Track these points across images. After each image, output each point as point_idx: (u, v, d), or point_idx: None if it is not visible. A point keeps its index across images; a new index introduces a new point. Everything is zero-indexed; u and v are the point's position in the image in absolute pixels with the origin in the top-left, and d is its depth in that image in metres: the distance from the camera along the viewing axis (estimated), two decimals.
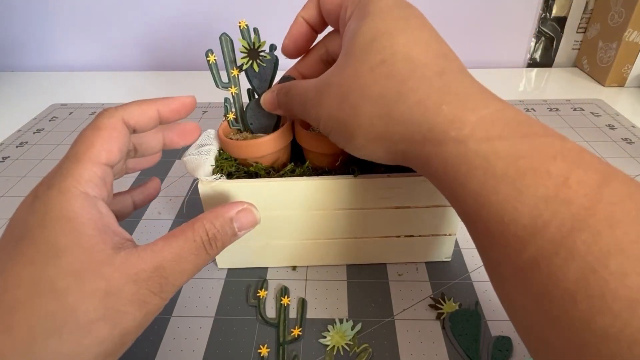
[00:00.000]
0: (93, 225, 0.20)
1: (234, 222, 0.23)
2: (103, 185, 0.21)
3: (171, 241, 0.21)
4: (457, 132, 0.19)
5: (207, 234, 0.21)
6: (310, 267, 0.36)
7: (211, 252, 0.22)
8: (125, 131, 0.23)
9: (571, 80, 0.69)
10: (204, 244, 0.21)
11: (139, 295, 0.19)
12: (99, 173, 0.21)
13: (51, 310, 0.18)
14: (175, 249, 0.20)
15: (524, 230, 0.17)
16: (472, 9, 0.70)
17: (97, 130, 0.22)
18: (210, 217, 0.22)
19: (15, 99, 0.68)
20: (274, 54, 0.29)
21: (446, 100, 0.20)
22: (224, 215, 0.22)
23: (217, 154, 0.32)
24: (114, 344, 0.19)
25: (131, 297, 0.19)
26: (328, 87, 0.23)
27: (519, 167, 0.17)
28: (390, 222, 0.32)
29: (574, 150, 0.18)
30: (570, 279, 0.15)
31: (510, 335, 0.29)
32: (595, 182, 0.16)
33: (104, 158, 0.21)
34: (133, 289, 0.19)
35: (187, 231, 0.21)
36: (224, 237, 0.22)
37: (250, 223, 0.23)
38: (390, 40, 0.22)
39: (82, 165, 0.21)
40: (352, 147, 0.24)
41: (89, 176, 0.21)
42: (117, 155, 0.22)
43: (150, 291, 0.20)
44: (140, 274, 0.19)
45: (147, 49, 0.77)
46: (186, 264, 0.21)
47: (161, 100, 0.25)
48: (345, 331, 0.30)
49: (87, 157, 0.21)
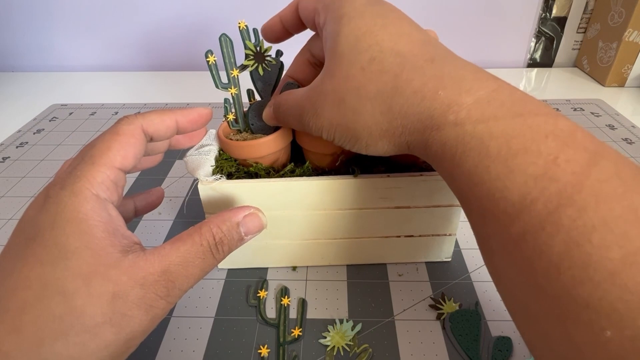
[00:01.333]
0: (103, 227, 0.20)
1: (241, 227, 0.23)
2: (114, 189, 0.22)
3: (178, 245, 0.21)
4: (454, 115, 0.20)
5: (214, 238, 0.22)
6: (310, 267, 0.36)
7: (218, 257, 0.22)
8: (142, 139, 0.23)
9: (571, 80, 0.69)
10: (210, 248, 0.21)
11: (146, 299, 0.19)
12: (112, 177, 0.21)
13: (59, 313, 0.18)
14: (183, 253, 0.21)
15: (512, 207, 0.17)
16: (473, 9, 0.70)
17: (115, 135, 0.22)
18: (217, 221, 0.22)
19: (15, 99, 0.68)
20: (279, 59, 0.30)
21: (441, 85, 0.20)
22: (231, 219, 0.23)
23: (217, 154, 0.32)
24: (119, 347, 0.19)
25: (138, 301, 0.19)
26: (322, 96, 0.24)
27: (511, 147, 0.18)
28: (390, 222, 0.32)
29: (566, 129, 0.18)
30: (555, 252, 0.16)
31: (510, 335, 0.29)
32: (584, 160, 0.17)
33: (119, 163, 0.22)
34: (140, 292, 0.19)
35: (194, 235, 0.21)
36: (231, 241, 0.22)
37: (256, 228, 0.24)
38: (373, 37, 0.22)
39: (96, 167, 0.21)
40: (358, 148, 0.24)
41: (102, 179, 0.21)
42: (131, 161, 0.23)
43: (157, 295, 0.20)
44: (147, 278, 0.19)
45: (147, 49, 0.77)
46: (193, 268, 0.21)
47: (180, 111, 0.26)
48: (345, 331, 0.30)
49: (103, 161, 0.21)
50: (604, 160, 0.17)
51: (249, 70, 0.30)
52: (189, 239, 0.21)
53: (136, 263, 0.19)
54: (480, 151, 0.19)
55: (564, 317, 0.16)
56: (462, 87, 0.20)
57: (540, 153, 0.17)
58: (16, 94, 0.70)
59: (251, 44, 0.29)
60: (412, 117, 0.21)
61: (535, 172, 0.17)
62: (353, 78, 0.22)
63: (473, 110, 0.19)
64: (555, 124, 0.18)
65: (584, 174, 0.16)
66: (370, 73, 0.21)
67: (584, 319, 0.15)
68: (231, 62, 0.30)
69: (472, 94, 0.20)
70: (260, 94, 0.31)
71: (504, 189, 0.18)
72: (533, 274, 0.17)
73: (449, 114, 0.20)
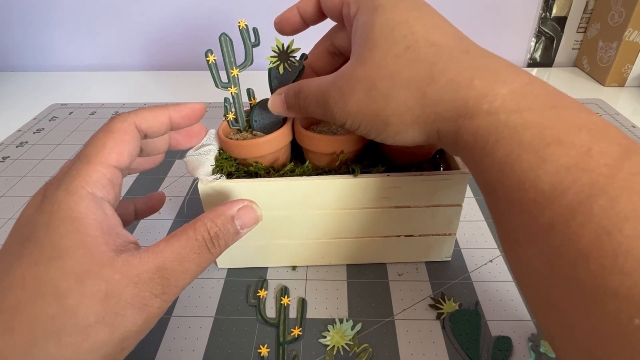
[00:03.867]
0: (97, 226, 0.20)
1: (236, 220, 0.23)
2: (111, 187, 0.21)
3: (173, 241, 0.21)
4: (488, 104, 0.20)
5: (209, 233, 0.21)
6: (310, 266, 0.36)
7: (214, 252, 0.22)
8: (136, 136, 0.23)
9: (571, 80, 0.69)
10: (206, 243, 0.21)
11: (140, 297, 0.19)
12: (108, 175, 0.21)
13: (51, 313, 0.18)
14: (177, 249, 0.20)
15: (542, 196, 0.17)
16: (473, 8, 0.70)
17: (109, 133, 0.22)
18: (211, 215, 0.22)
19: (15, 99, 0.68)
20: (302, 62, 0.30)
21: (477, 75, 0.21)
22: (225, 213, 0.22)
23: (217, 153, 0.32)
24: (113, 347, 0.19)
25: (132, 300, 0.19)
26: (352, 82, 0.24)
27: (544, 137, 0.18)
28: (390, 221, 0.32)
29: (599, 123, 0.18)
30: (584, 241, 0.16)
31: (510, 335, 0.29)
32: (617, 153, 0.17)
33: (114, 160, 0.22)
34: (134, 291, 0.19)
35: (189, 230, 0.21)
36: (226, 235, 0.22)
37: (252, 220, 0.23)
38: (409, 28, 0.22)
39: (91, 166, 0.21)
40: (385, 136, 0.24)
41: (97, 177, 0.21)
42: (127, 158, 0.22)
43: (151, 293, 0.19)
44: (141, 276, 0.19)
45: (147, 48, 0.77)
46: (189, 263, 0.21)
47: (173, 107, 0.25)
48: (345, 331, 0.30)
49: (98, 159, 0.21)
50: (636, 155, 0.17)
51: (270, 67, 0.30)
52: (183, 235, 0.21)
53: (130, 261, 0.19)
54: (512, 140, 0.19)
55: (589, 307, 0.16)
56: (498, 78, 0.20)
57: (573, 144, 0.17)
58: (16, 93, 0.70)
59: (279, 42, 0.29)
60: (446, 105, 0.21)
61: (568, 162, 0.17)
62: (387, 65, 0.22)
63: (508, 100, 0.19)
64: (589, 117, 0.18)
65: (616, 167, 0.16)
66: (406, 61, 0.22)
67: (611, 308, 0.15)
68: (231, 62, 0.30)
69: (507, 85, 0.20)
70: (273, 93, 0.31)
71: (535, 178, 0.18)
72: (560, 264, 0.17)
73: (484, 103, 0.20)
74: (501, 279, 0.34)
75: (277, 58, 0.29)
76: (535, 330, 0.30)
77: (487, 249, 0.37)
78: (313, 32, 0.31)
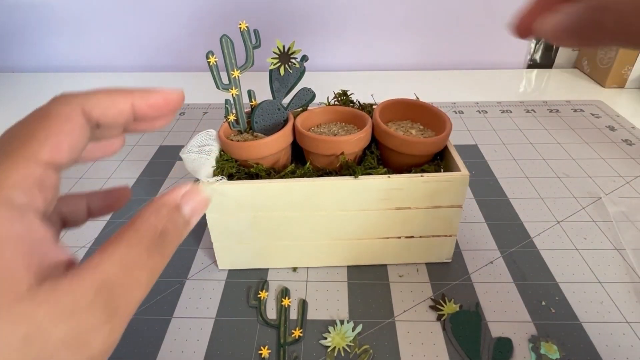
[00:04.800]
0: (13, 245, 0.15)
1: (183, 208, 0.18)
2: (38, 190, 0.16)
3: (111, 250, 0.16)
4: None
5: (155, 229, 0.17)
6: (310, 268, 0.36)
7: (165, 253, 0.17)
8: (82, 124, 0.17)
9: (571, 82, 0.69)
10: (154, 243, 0.17)
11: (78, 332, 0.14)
12: (36, 174, 0.16)
13: None
14: (120, 258, 0.16)
15: None
16: (473, 10, 0.70)
17: (44, 118, 0.17)
18: (152, 209, 0.18)
19: (15, 99, 0.68)
20: (303, 64, 0.30)
21: None
22: (168, 203, 0.18)
23: (218, 155, 0.32)
24: None
25: (66, 339, 0.14)
26: None
27: None
28: (390, 223, 0.32)
29: None
30: None
31: (510, 336, 0.29)
32: None
33: (47, 156, 0.16)
34: (67, 327, 0.14)
35: (129, 232, 0.17)
36: (176, 229, 0.18)
37: (200, 204, 0.19)
38: None
39: (11, 162, 0.15)
40: None
41: (18, 178, 0.15)
42: (66, 153, 0.17)
43: (94, 323, 0.15)
44: (77, 303, 0.15)
45: (148, 49, 0.77)
46: (138, 271, 0.16)
47: (139, 92, 0.19)
48: (345, 332, 0.30)
49: (21, 153, 0.16)
50: None
51: (271, 68, 0.30)
52: (123, 239, 0.16)
53: (58, 287, 0.14)
54: None
55: None
56: None
57: None
58: (16, 94, 0.70)
59: (280, 43, 0.29)
60: None
61: None
62: None
63: None
64: None
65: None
66: None
67: None
68: (232, 63, 0.30)
69: None
70: (274, 94, 0.31)
71: None
72: None
73: None
74: (502, 281, 0.34)
75: (278, 59, 0.29)
76: (535, 331, 0.30)
77: (488, 250, 0.37)
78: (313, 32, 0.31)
